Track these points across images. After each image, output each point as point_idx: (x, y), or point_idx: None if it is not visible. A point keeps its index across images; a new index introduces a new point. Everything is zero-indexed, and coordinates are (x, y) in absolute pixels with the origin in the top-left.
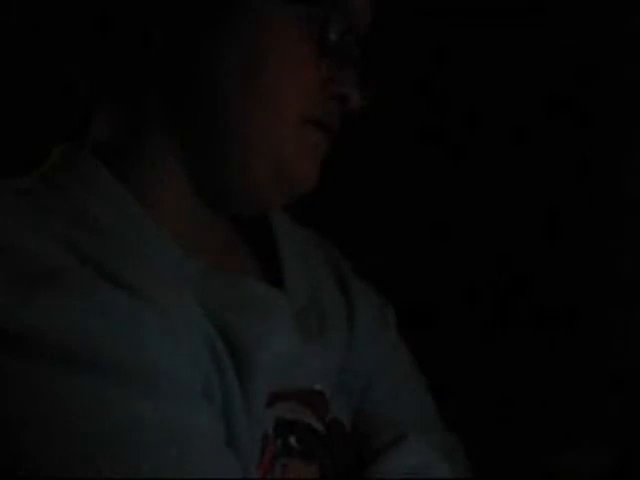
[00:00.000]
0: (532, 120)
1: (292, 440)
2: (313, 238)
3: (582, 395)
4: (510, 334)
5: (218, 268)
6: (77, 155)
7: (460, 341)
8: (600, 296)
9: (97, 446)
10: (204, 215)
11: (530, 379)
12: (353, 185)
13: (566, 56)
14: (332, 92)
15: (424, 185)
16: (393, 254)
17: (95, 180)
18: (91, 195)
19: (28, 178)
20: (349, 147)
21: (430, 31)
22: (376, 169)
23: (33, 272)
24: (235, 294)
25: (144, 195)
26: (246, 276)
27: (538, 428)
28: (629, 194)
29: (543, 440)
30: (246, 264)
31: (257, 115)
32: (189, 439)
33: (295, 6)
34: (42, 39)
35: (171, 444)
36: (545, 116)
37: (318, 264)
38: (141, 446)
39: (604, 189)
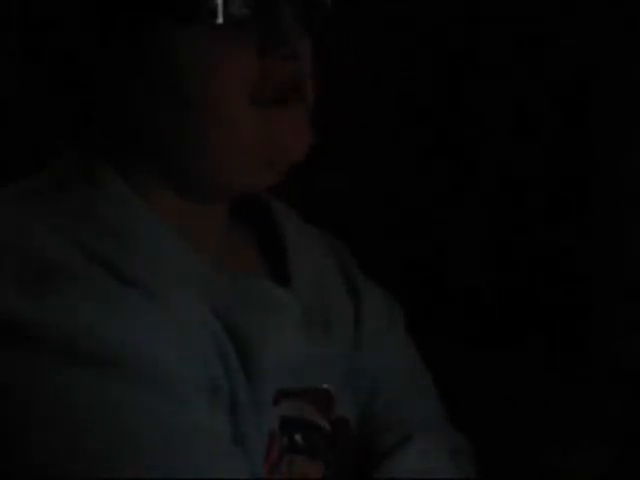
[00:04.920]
0: (532, 120)
1: (298, 437)
2: (320, 236)
3: (582, 395)
4: (510, 335)
5: (224, 267)
6: (83, 156)
7: (460, 341)
8: (601, 296)
9: (102, 443)
10: (208, 214)
11: (530, 379)
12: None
13: (566, 56)
14: (277, 57)
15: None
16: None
17: (102, 181)
18: (98, 195)
19: (37, 179)
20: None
21: (430, 29)
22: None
23: (43, 269)
24: (242, 293)
25: (148, 195)
26: (253, 275)
27: (538, 428)
28: (629, 194)
29: (543, 440)
30: (252, 263)
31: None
32: (195, 438)
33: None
34: (42, 38)
35: (176, 442)
36: (545, 116)
37: (325, 262)
38: (149, 444)
39: (604, 189)
